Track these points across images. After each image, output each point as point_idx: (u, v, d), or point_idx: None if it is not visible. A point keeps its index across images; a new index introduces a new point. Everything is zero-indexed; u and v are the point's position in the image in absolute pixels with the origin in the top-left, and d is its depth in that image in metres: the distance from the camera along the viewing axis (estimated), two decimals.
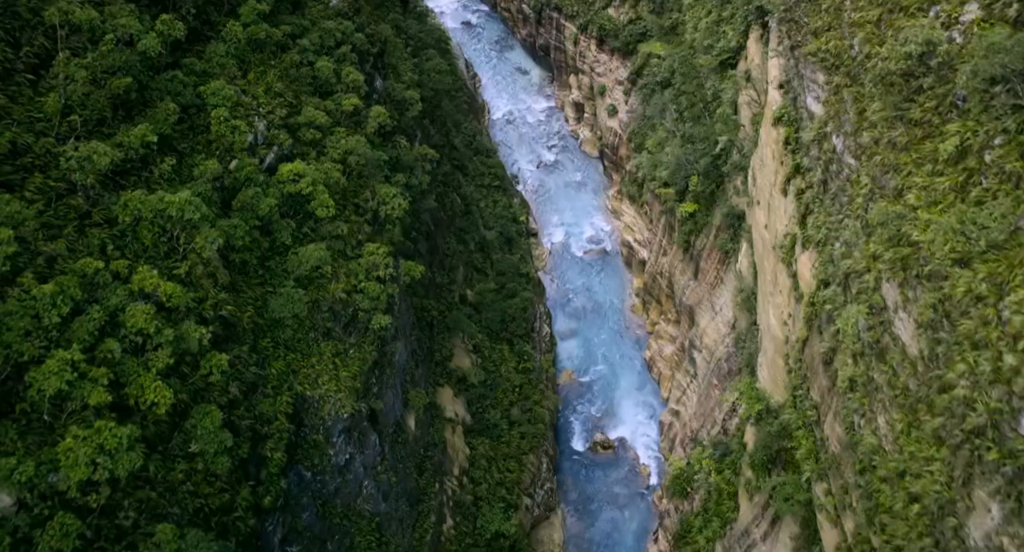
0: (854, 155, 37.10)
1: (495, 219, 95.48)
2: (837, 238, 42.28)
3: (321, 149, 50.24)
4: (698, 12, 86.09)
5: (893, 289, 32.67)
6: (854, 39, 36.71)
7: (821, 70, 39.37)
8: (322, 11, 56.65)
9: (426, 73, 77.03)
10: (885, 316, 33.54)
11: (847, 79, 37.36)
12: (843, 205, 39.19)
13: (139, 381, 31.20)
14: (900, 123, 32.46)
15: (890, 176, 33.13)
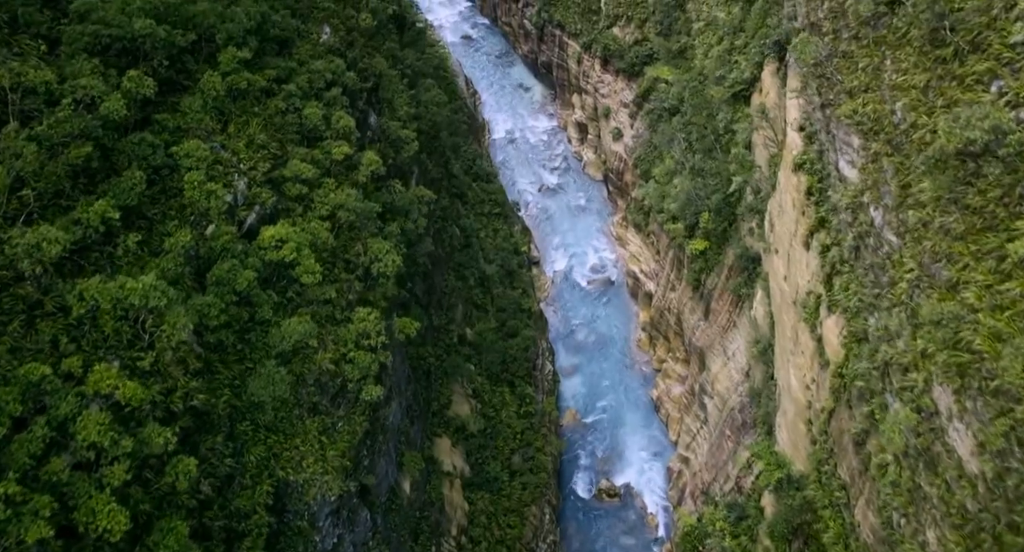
0: (896, 232, 33.29)
1: (495, 251, 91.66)
2: (872, 313, 38.50)
3: (308, 204, 46.43)
4: (708, 38, 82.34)
5: (947, 395, 28.85)
6: (896, 104, 32.91)
7: (857, 134, 35.58)
8: (311, 50, 52.84)
9: (424, 105, 73.29)
10: (937, 423, 29.73)
11: (888, 147, 33.55)
12: (882, 284, 35.35)
13: (90, 504, 27.36)
14: (955, 208, 28.66)
15: (943, 266, 29.33)
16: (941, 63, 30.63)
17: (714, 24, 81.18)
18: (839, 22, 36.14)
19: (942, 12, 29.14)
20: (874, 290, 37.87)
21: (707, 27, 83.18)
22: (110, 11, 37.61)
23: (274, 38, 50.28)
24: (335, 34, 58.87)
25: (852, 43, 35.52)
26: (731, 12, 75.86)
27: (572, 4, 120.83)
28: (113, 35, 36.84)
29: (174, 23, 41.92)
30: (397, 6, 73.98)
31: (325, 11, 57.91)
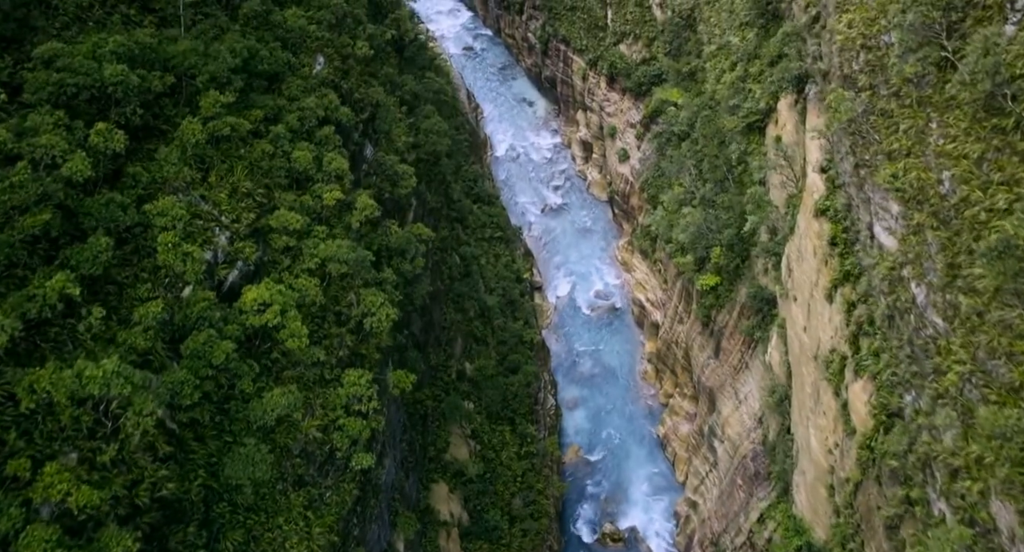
0: (943, 315, 29.94)
1: (497, 280, 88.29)
2: (908, 390, 35.18)
3: (296, 255, 43.10)
4: (721, 62, 78.96)
5: (1009, 514, 25.51)
6: (944, 174, 29.58)
7: (896, 201, 32.25)
8: (302, 84, 49.50)
9: (423, 133, 69.96)
10: (995, 541, 26.39)
11: (933, 219, 30.21)
12: (923, 367, 31.98)
13: None
14: (1019, 303, 25.33)
15: (1003, 365, 26.03)
16: (999, 133, 27.35)
17: (727, 48, 77.86)
18: (877, 77, 32.88)
19: (1003, 79, 25.82)
20: (911, 367, 34.53)
21: (719, 51, 79.84)
22: (77, 57, 34.26)
23: (262, 73, 46.97)
24: (329, 64, 55.58)
25: (892, 101, 32.22)
26: (745, 37, 72.51)
27: (578, 19, 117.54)
28: (80, 84, 33.52)
29: (151, 65, 38.62)
30: (396, 30, 70.72)
31: (319, 41, 54.61)
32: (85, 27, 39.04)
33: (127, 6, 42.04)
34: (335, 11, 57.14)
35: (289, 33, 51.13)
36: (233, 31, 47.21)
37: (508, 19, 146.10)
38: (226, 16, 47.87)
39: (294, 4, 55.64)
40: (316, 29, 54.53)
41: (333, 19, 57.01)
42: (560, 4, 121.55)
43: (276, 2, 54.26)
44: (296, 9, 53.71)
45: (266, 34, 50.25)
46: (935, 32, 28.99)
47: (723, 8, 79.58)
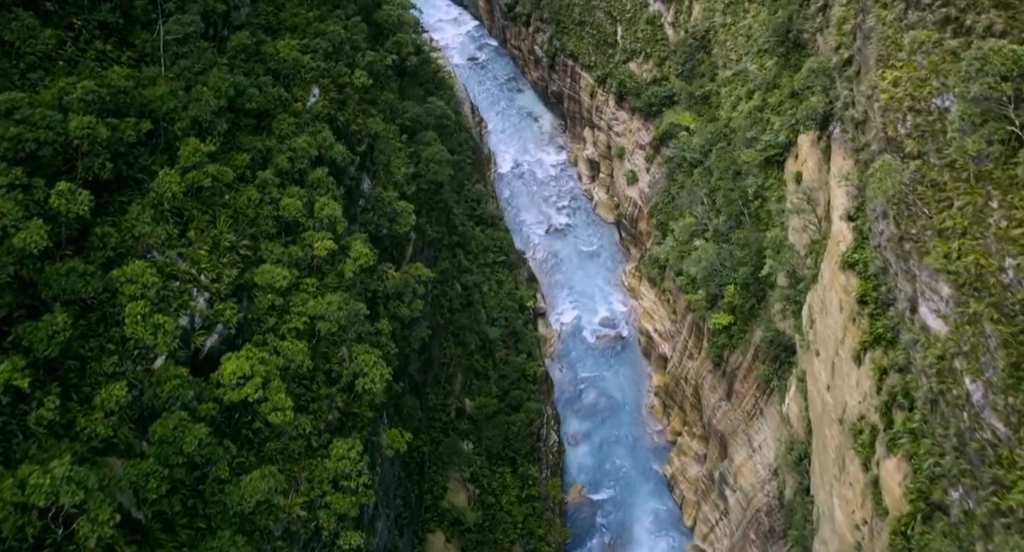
0: (1005, 421, 26.50)
1: (499, 309, 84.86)
2: (955, 487, 31.75)
3: (283, 313, 39.71)
4: (736, 89, 75.51)
5: None
6: (1008, 262, 26.15)
7: (948, 283, 28.83)
8: (294, 122, 46.11)
9: (424, 162, 66.54)
10: None
11: (994, 311, 26.76)
12: (978, 474, 28.55)
13: None
14: None
15: None
16: None
17: (743, 75, 74.42)
18: (928, 143, 29.48)
19: None
20: (959, 463, 31.11)
21: (735, 77, 76.40)
22: (39, 108, 30.90)
23: (251, 111, 43.58)
24: (325, 96, 52.23)
25: (945, 173, 28.79)
26: (764, 65, 69.07)
27: (586, 34, 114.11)
28: (42, 139, 30.17)
29: (125, 111, 35.24)
30: (397, 53, 67.36)
31: (314, 71, 51.24)
32: (54, 68, 35.67)
33: (103, 41, 38.68)
34: (332, 39, 53.80)
35: (282, 65, 47.76)
36: (220, 66, 43.82)
37: (514, 30, 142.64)
38: (213, 49, 44.48)
39: (288, 32, 52.37)
40: (311, 59, 51.20)
41: (330, 47, 53.67)
42: (568, 18, 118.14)
43: (268, 32, 51.01)
44: (289, 39, 50.40)
45: (257, 67, 46.91)
46: (1001, 103, 25.60)
47: (740, 33, 76.15)
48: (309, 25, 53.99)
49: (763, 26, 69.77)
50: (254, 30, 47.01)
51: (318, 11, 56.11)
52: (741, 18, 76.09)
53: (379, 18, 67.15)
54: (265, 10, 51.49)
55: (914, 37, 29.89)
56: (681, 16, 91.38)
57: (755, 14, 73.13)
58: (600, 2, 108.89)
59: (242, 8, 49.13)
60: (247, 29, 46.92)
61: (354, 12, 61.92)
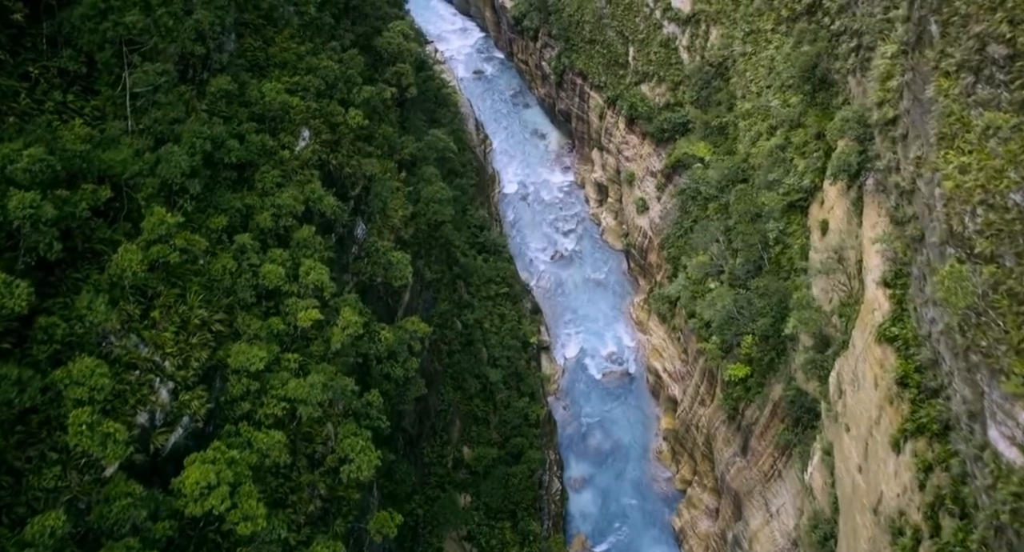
0: None
1: (501, 347, 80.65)
2: None
3: (259, 396, 35.55)
4: (757, 124, 71.20)
5: None
6: None
7: None
8: (278, 176, 41.95)
9: (423, 201, 62.35)
10: None
11: None
12: None
13: None
14: None
15: None
16: None
17: (764, 108, 70.15)
18: (1004, 245, 25.28)
19: None
20: None
21: (755, 110, 72.14)
22: None
23: (231, 165, 39.44)
24: (316, 139, 48.10)
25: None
26: (788, 102, 64.76)
27: (596, 53, 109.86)
28: None
29: (82, 177, 31.12)
30: (396, 86, 63.19)
31: (305, 112, 47.09)
32: (3, 124, 31.54)
33: (63, 92, 34.54)
34: (325, 76, 49.65)
35: (268, 109, 43.61)
36: (199, 114, 39.72)
37: (521, 44, 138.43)
38: (192, 93, 40.35)
39: (278, 69, 48.25)
40: (301, 100, 47.08)
41: (322, 85, 49.54)
42: (578, 36, 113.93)
43: (256, 69, 46.89)
44: (278, 78, 46.31)
45: (240, 111, 42.80)
46: None
47: (761, 64, 71.88)
48: (301, 60, 49.86)
49: (787, 60, 65.52)
50: (237, 72, 42.82)
51: (311, 44, 51.97)
52: (762, 48, 71.82)
53: (379, 45, 62.98)
54: (252, 46, 47.41)
55: (989, 120, 25.71)
56: (697, 40, 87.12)
57: (777, 45, 68.86)
58: (611, 21, 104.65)
59: (226, 46, 45.04)
60: (230, 70, 42.76)
61: (351, 42, 57.87)
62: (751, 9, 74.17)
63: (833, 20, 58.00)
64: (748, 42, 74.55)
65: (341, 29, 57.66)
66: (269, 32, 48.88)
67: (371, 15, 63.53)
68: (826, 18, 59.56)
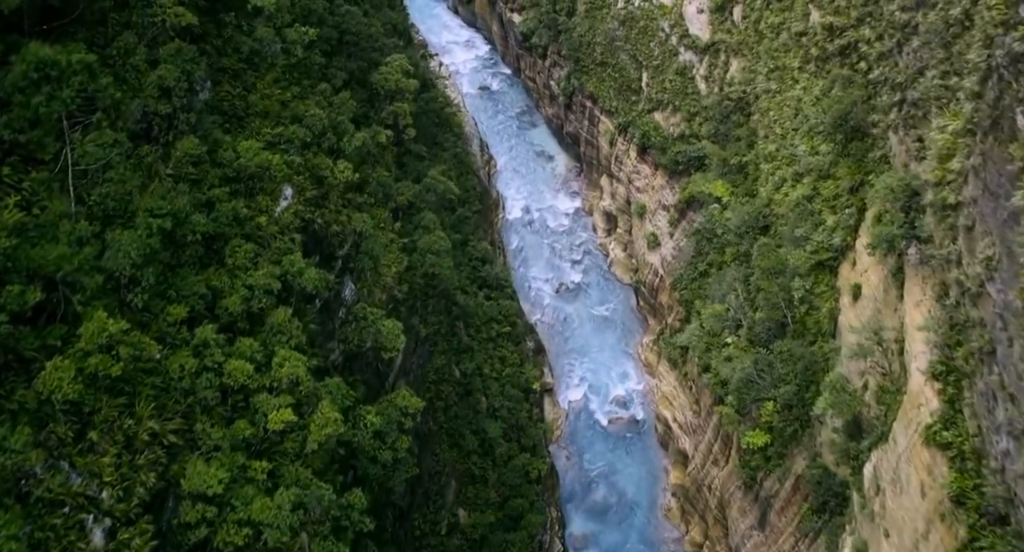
0: None
1: (501, 397, 75.77)
2: None
3: (218, 521, 30.69)
4: (781, 169, 66.14)
5: None
6: None
7: None
8: (252, 250, 37.08)
9: (419, 252, 57.48)
10: None
11: None
12: None
13: None
14: None
15: None
16: None
17: (789, 152, 65.17)
18: None
19: None
20: None
21: (780, 153, 67.15)
22: None
23: (195, 242, 34.62)
24: (299, 197, 43.26)
25: None
26: (817, 149, 59.82)
27: (608, 77, 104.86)
28: None
29: (7, 275, 26.29)
30: (394, 126, 58.34)
31: (287, 169, 42.21)
32: None
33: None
34: (312, 126, 44.82)
35: (244, 169, 38.76)
36: (162, 179, 34.92)
37: (529, 60, 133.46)
38: (157, 153, 35.54)
39: (258, 118, 43.42)
40: (283, 156, 42.21)
41: (308, 136, 44.71)
42: (588, 57, 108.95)
43: (234, 120, 42.08)
44: (257, 133, 41.48)
45: (212, 173, 37.94)
46: None
47: (786, 103, 66.87)
48: (285, 108, 45.07)
49: (816, 104, 60.53)
50: (209, 129, 37.91)
51: (298, 88, 47.14)
52: (788, 86, 66.81)
53: (375, 81, 58.14)
54: (230, 94, 42.56)
55: None
56: (716, 71, 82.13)
57: (805, 86, 63.87)
58: (624, 44, 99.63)
59: (195, 104, 40.17)
60: (202, 126, 37.87)
61: (343, 82, 53.08)
62: (776, 44, 69.17)
63: (871, 67, 53.05)
64: (772, 79, 69.56)
65: (333, 67, 52.82)
66: (250, 77, 44.01)
67: (368, 47, 58.66)
68: (862, 63, 54.61)
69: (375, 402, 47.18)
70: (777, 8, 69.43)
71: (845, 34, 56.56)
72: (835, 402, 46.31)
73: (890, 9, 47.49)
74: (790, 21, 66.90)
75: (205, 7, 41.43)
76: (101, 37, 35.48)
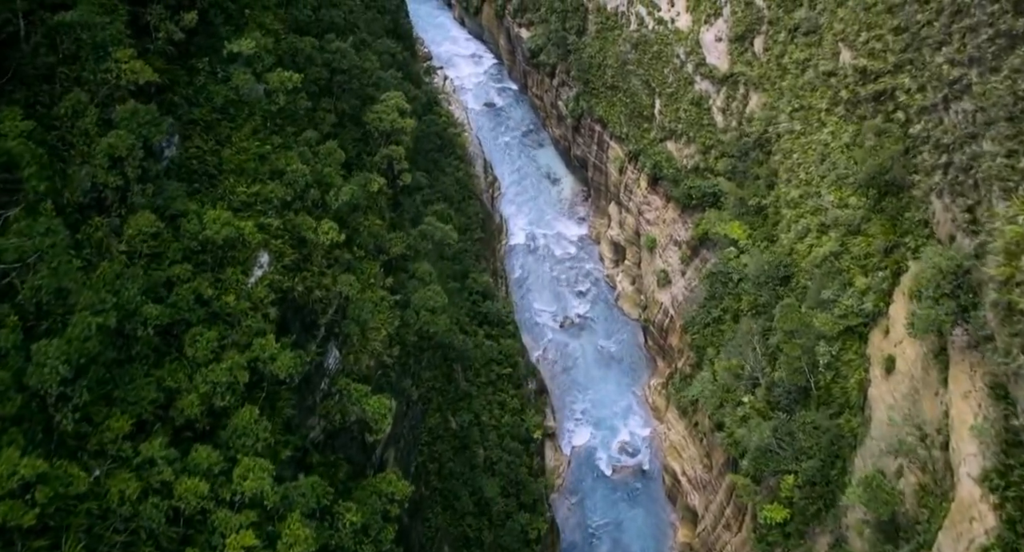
0: None
1: (499, 449, 71.22)
2: None
3: None
4: (805, 217, 61.40)
5: None
6: None
7: None
8: (215, 339, 32.53)
9: (413, 309, 52.85)
10: None
11: None
12: None
13: None
14: None
15: None
16: None
17: (814, 199, 60.52)
18: None
19: None
20: None
21: (803, 200, 62.46)
22: None
23: (148, 336, 30.13)
24: (276, 264, 38.75)
25: None
26: (847, 201, 55.16)
27: (618, 102, 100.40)
28: None
29: None
30: (387, 173, 53.77)
31: (263, 234, 37.78)
32: None
33: None
34: (293, 183, 40.32)
35: (211, 241, 34.29)
36: (115, 257, 30.56)
37: (537, 78, 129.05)
38: (107, 228, 31.13)
39: (232, 175, 38.93)
40: (261, 216, 37.81)
41: (289, 195, 40.20)
42: (599, 80, 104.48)
43: (205, 179, 37.61)
44: (230, 196, 36.99)
45: (173, 248, 33.48)
46: None
47: (812, 146, 62.20)
48: (264, 162, 40.47)
49: (846, 153, 55.92)
50: (170, 198, 33.39)
51: (279, 137, 42.58)
52: (814, 129, 62.12)
53: (368, 120, 53.59)
54: (201, 149, 38.05)
55: None
56: (734, 103, 77.51)
57: (833, 130, 59.17)
58: (637, 68, 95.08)
59: (166, 151, 35.85)
60: (164, 193, 33.41)
61: (331, 127, 48.53)
62: (801, 81, 64.49)
63: (909, 118, 48.40)
64: (796, 119, 64.87)
65: (322, 109, 48.26)
66: (225, 129, 39.47)
67: (362, 84, 54.10)
68: (899, 113, 49.97)
69: (358, 484, 42.79)
70: (803, 43, 64.77)
71: (880, 80, 51.91)
72: (870, 500, 41.65)
73: (936, 61, 42.82)
74: (817, 58, 62.26)
75: (174, 54, 37.04)
76: (46, 96, 31.12)
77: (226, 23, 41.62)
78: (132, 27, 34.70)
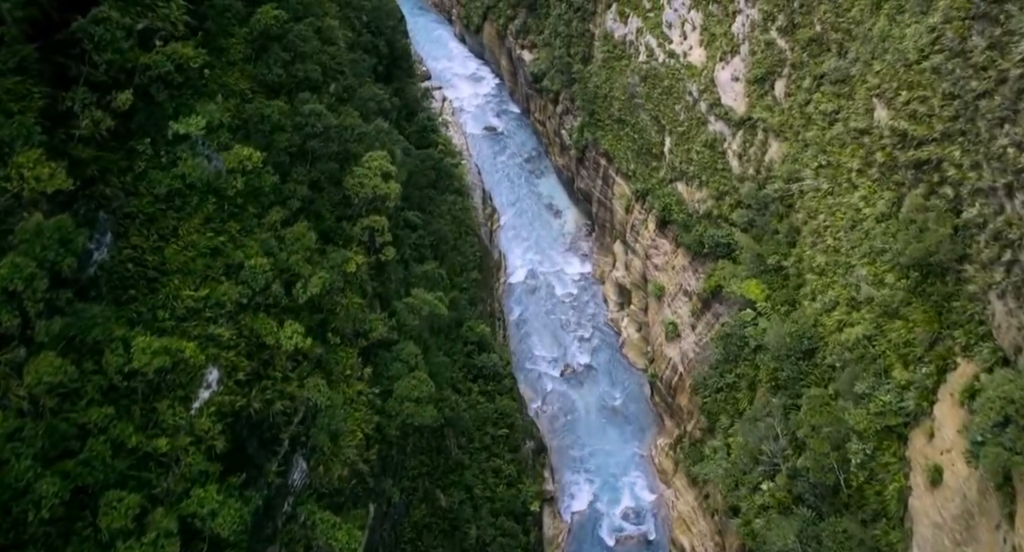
0: None
1: (493, 528, 65.35)
2: None
3: None
4: (834, 287, 55.47)
5: None
6: None
7: None
8: (137, 503, 26.65)
9: (396, 399, 46.97)
10: None
11: None
12: None
13: None
14: None
15: None
16: None
17: (844, 271, 54.63)
18: None
19: None
20: None
21: (831, 269, 56.58)
22: None
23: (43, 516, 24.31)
24: (228, 380, 33.02)
25: None
26: (881, 277, 49.31)
27: (625, 136, 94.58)
28: None
29: None
30: (369, 247, 48.01)
31: (213, 347, 32.05)
32: None
33: None
34: (251, 282, 34.59)
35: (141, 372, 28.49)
36: (9, 413, 24.77)
37: (539, 103, 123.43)
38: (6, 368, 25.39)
39: (177, 277, 33.18)
40: (205, 331, 32.08)
41: (247, 295, 34.46)
42: (604, 111, 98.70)
43: (144, 284, 31.87)
44: (174, 302, 31.28)
45: (91, 383, 27.70)
46: None
47: (840, 208, 56.27)
48: (216, 257, 34.80)
49: (882, 224, 50.04)
50: (88, 326, 27.60)
51: (237, 223, 36.83)
52: (844, 190, 56.14)
53: (348, 187, 47.85)
54: (140, 248, 32.34)
55: None
56: (751, 149, 71.63)
57: (867, 194, 53.23)
58: (645, 103, 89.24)
59: (96, 253, 30.19)
60: (81, 318, 27.63)
61: (302, 200, 42.70)
62: (828, 135, 58.59)
63: (960, 197, 42.51)
64: (823, 176, 58.97)
65: (293, 181, 42.45)
66: (170, 221, 33.75)
67: (343, 139, 48.28)
68: (946, 188, 44.04)
69: None
70: (830, 93, 58.88)
71: (924, 148, 46.01)
72: None
73: (999, 142, 36.95)
74: (848, 111, 56.40)
75: (106, 139, 31.28)
76: None
77: (179, 92, 35.79)
78: (50, 112, 29.00)
